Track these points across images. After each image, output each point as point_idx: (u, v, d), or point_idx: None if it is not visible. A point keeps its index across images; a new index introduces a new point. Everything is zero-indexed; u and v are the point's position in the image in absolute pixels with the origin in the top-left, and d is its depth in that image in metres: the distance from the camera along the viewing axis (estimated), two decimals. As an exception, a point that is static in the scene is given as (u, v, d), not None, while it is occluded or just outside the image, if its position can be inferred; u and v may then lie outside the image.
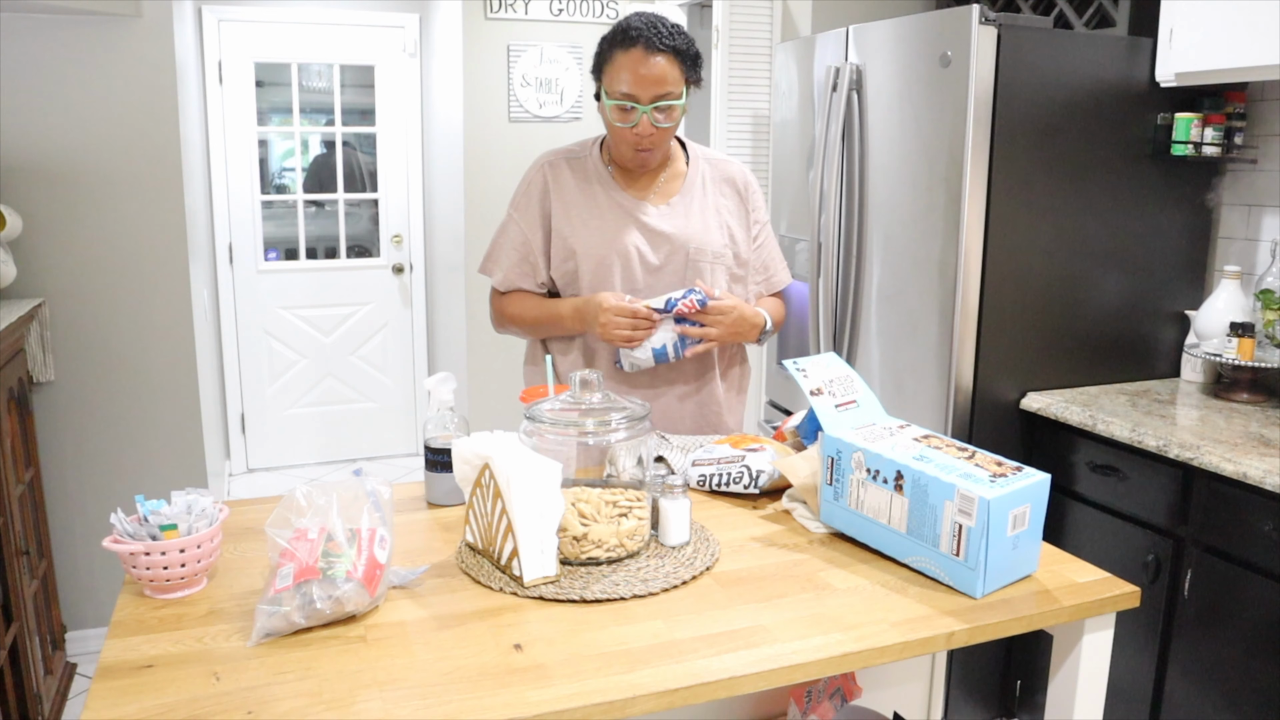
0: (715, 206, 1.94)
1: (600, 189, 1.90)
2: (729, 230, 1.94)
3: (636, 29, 1.73)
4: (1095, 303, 2.49)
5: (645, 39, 1.72)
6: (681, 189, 1.92)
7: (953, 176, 2.34)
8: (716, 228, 1.92)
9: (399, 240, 4.81)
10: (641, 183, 1.92)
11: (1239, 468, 1.88)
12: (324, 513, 1.23)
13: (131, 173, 2.80)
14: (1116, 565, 2.11)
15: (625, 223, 1.88)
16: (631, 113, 1.76)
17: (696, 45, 1.81)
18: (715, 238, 1.91)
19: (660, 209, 1.90)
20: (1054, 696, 1.39)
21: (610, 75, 1.76)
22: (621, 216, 1.88)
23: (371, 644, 1.15)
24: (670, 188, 1.92)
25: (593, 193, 1.89)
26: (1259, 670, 1.90)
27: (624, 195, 1.89)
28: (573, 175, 1.91)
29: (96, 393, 2.86)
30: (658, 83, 1.73)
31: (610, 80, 1.76)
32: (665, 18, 1.78)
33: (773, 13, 3.36)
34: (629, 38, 1.73)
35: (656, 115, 1.76)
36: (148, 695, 1.04)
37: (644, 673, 1.09)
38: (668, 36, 1.74)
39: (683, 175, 1.94)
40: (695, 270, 1.89)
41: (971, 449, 1.40)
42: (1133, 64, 2.39)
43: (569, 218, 1.89)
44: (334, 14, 4.53)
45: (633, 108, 1.75)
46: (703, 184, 1.94)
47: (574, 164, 1.92)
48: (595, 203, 1.89)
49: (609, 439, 1.38)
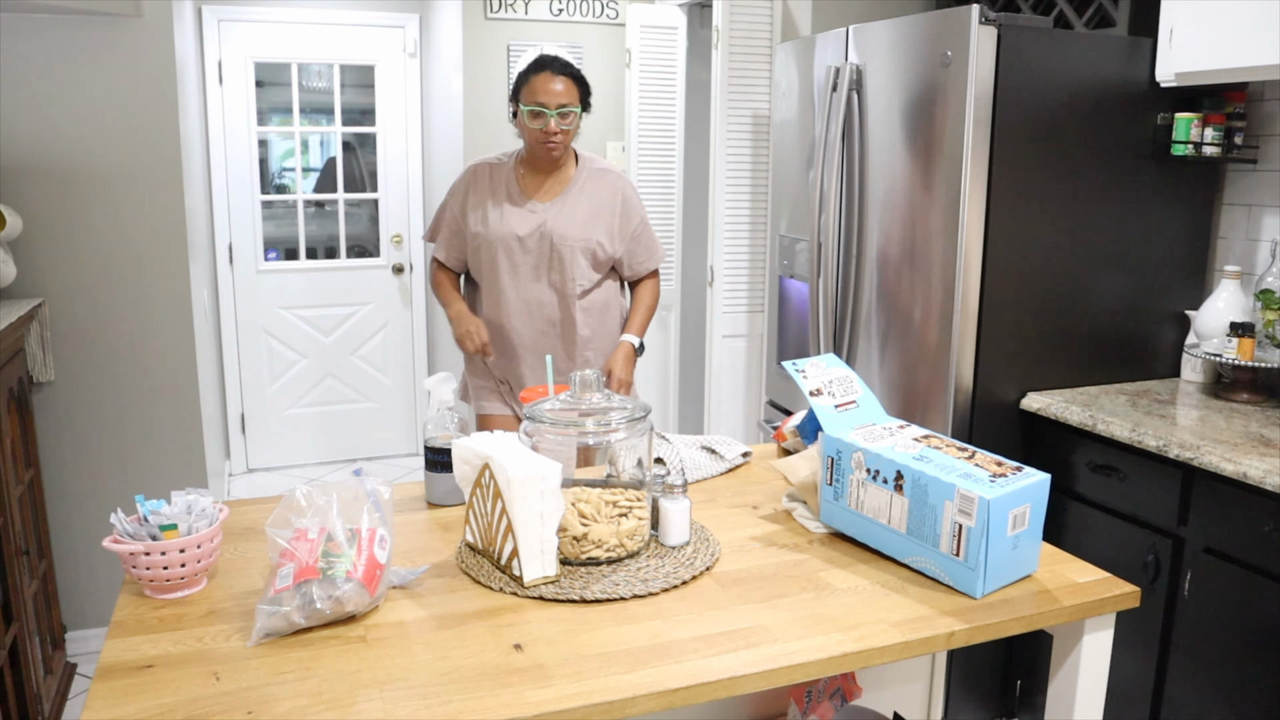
0: (590, 206, 2.45)
1: (504, 189, 2.47)
2: (598, 226, 2.45)
3: (548, 59, 2.34)
4: (1095, 303, 2.49)
5: (554, 64, 2.34)
6: (563, 191, 2.46)
7: (953, 176, 2.34)
8: (584, 222, 2.43)
9: (399, 240, 4.81)
10: (537, 185, 2.46)
11: (1239, 468, 1.88)
12: (324, 513, 1.23)
13: (131, 173, 2.80)
14: (1116, 565, 2.11)
15: (512, 214, 2.43)
16: (542, 117, 2.32)
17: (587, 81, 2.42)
18: (579, 230, 2.42)
19: (543, 205, 2.43)
20: (1054, 696, 1.39)
21: (527, 92, 2.34)
22: (511, 210, 2.44)
23: (371, 644, 1.15)
24: (555, 189, 2.46)
25: (497, 192, 2.47)
26: (1259, 670, 1.90)
27: (519, 195, 2.45)
28: (490, 178, 2.48)
29: (96, 393, 2.86)
30: (561, 96, 2.32)
31: (527, 95, 2.33)
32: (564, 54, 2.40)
33: (773, 13, 3.36)
34: (541, 64, 2.34)
35: (559, 120, 2.33)
36: (148, 695, 1.04)
37: (644, 673, 1.09)
38: (568, 65, 2.36)
39: (567, 181, 2.47)
40: (558, 254, 2.42)
41: (971, 449, 1.40)
42: (1133, 64, 2.39)
43: (475, 210, 2.46)
44: (334, 14, 4.53)
45: (543, 112, 2.32)
46: (580, 188, 2.47)
47: (495, 170, 2.49)
48: (496, 199, 2.46)
49: (609, 439, 1.38)
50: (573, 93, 2.35)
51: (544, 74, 2.33)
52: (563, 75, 2.34)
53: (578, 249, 2.43)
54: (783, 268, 3.12)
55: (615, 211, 2.48)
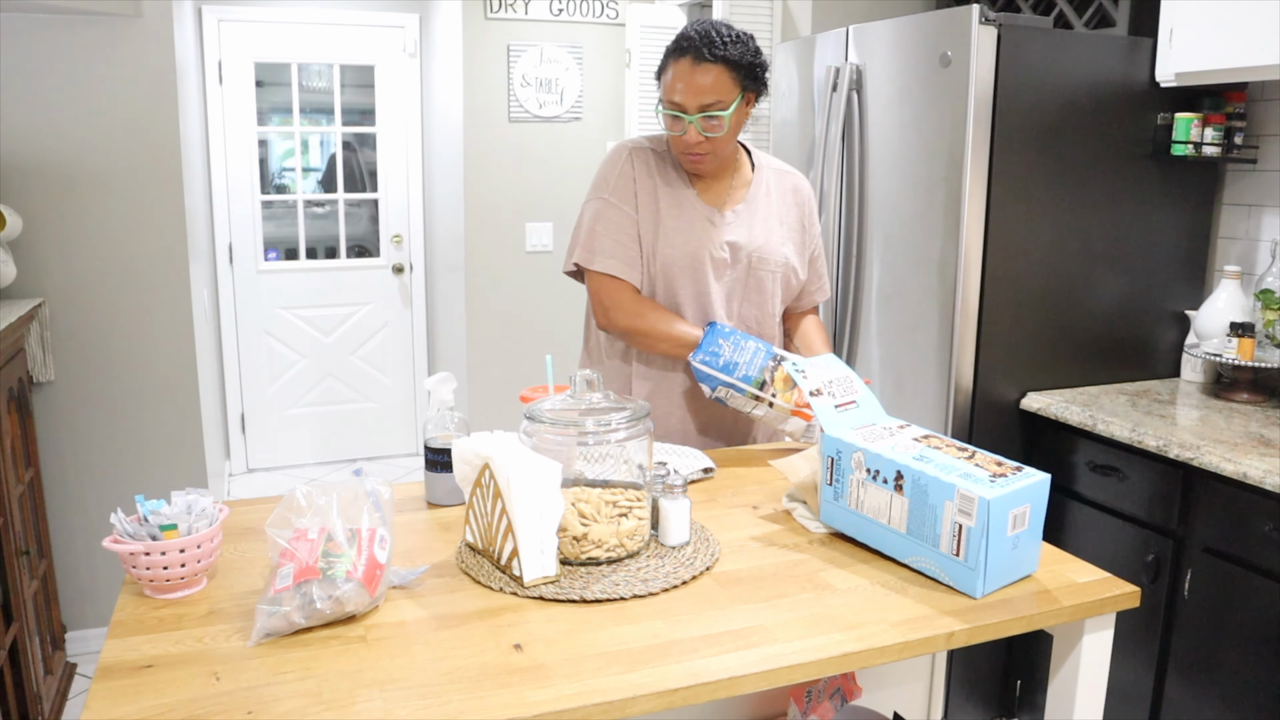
0: (779, 217, 1.94)
1: (681, 189, 1.88)
2: (789, 242, 1.94)
3: (689, 39, 1.75)
4: (1095, 303, 2.49)
5: (695, 49, 1.73)
6: (747, 197, 1.92)
7: (953, 176, 2.34)
8: (779, 239, 1.92)
9: (399, 240, 4.81)
10: (714, 188, 1.90)
11: (1239, 468, 1.88)
12: (324, 513, 1.23)
13: (131, 173, 2.80)
14: (1116, 565, 2.11)
15: (702, 227, 1.87)
16: (679, 122, 1.77)
17: (759, 54, 1.80)
18: (776, 248, 1.91)
19: (728, 215, 1.89)
20: (1054, 696, 1.39)
21: (665, 84, 1.78)
22: (698, 220, 1.87)
23: (371, 644, 1.15)
24: (736, 195, 1.92)
25: (673, 192, 1.88)
26: (1259, 670, 1.90)
27: (699, 199, 1.88)
28: (657, 169, 1.89)
29: (96, 393, 2.86)
30: (703, 93, 1.73)
31: (665, 89, 1.78)
32: (727, 26, 1.78)
33: (773, 13, 3.36)
34: (680, 47, 1.75)
35: (703, 124, 1.76)
36: (148, 695, 1.04)
37: (644, 673, 1.09)
38: (719, 46, 1.73)
39: (748, 183, 1.93)
40: (756, 280, 1.90)
41: (971, 449, 1.40)
42: (1133, 64, 2.39)
43: (652, 213, 1.86)
44: (334, 14, 4.53)
45: (680, 117, 1.76)
46: (767, 193, 1.94)
47: (658, 158, 1.90)
48: (676, 202, 1.87)
49: (609, 439, 1.38)
50: (726, 85, 1.74)
51: (684, 61, 1.74)
52: (713, 62, 1.73)
53: (778, 273, 1.92)
54: (783, 268, 3.11)
55: (803, 225, 1.98)
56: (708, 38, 1.73)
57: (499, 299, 4.26)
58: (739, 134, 1.86)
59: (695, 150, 1.79)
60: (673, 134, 1.80)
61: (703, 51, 1.73)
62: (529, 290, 4.30)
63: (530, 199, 4.22)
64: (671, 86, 1.76)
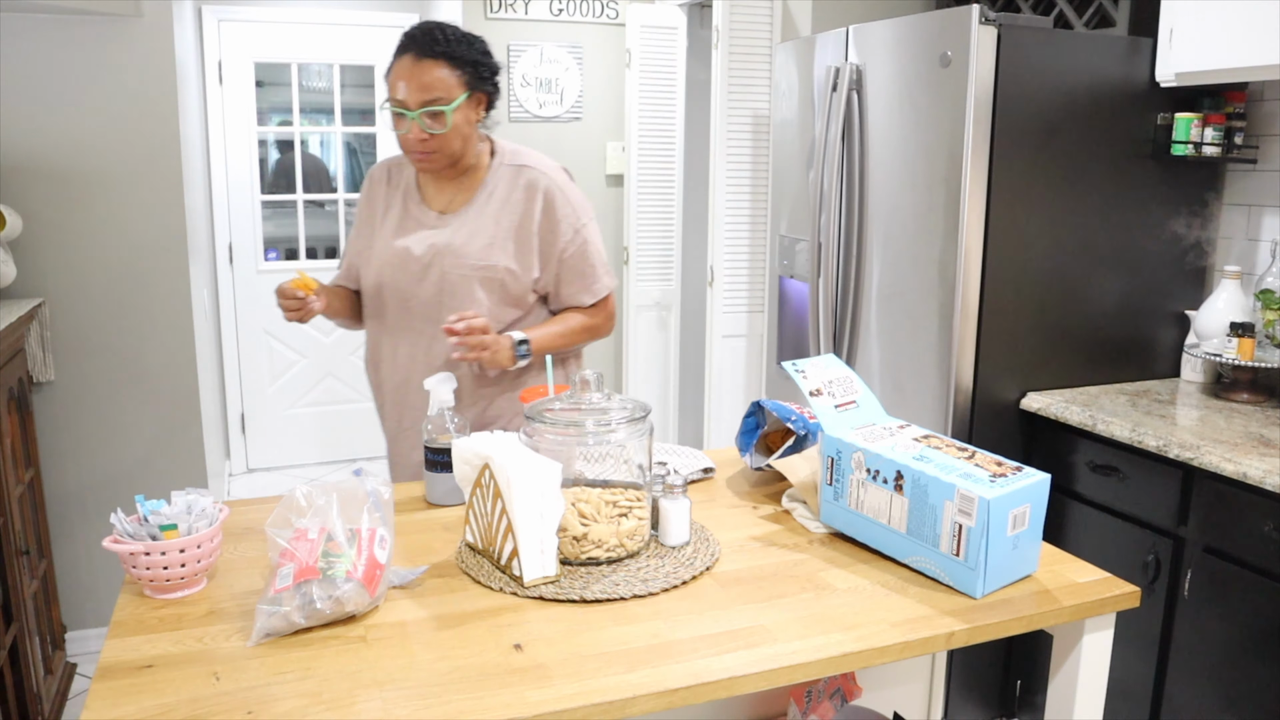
0: (496, 218, 1.87)
1: (402, 197, 1.93)
2: (509, 242, 1.86)
3: (411, 36, 1.76)
4: (1095, 303, 2.49)
5: (417, 46, 1.75)
6: (470, 200, 1.89)
7: (953, 176, 2.34)
8: (486, 240, 1.85)
9: (399, 240, 4.81)
10: (444, 192, 1.91)
11: (1239, 468, 1.88)
12: (324, 513, 1.23)
13: (131, 173, 2.80)
14: (1116, 565, 2.10)
15: (406, 232, 1.89)
16: (403, 120, 1.77)
17: (488, 55, 1.82)
18: (481, 251, 1.84)
19: (444, 218, 1.89)
20: (1054, 696, 1.39)
21: (389, 82, 1.78)
22: (407, 226, 1.90)
23: (371, 644, 1.15)
24: (460, 199, 1.90)
25: (394, 201, 1.94)
26: (1259, 670, 1.90)
27: (418, 205, 1.91)
28: (388, 183, 1.96)
29: (96, 393, 2.85)
30: (424, 89, 1.74)
31: (389, 88, 1.78)
32: (454, 27, 1.80)
33: (773, 13, 3.36)
34: (403, 45, 1.76)
35: (426, 121, 1.76)
36: (148, 695, 1.04)
37: (644, 673, 1.09)
38: (441, 44, 1.75)
39: (476, 186, 1.90)
40: (456, 283, 1.84)
41: (971, 449, 1.40)
42: (1133, 64, 2.39)
43: (375, 221, 1.95)
44: (334, 14, 4.53)
45: (403, 114, 1.76)
46: (489, 195, 1.88)
47: (395, 170, 1.96)
48: (392, 211, 1.93)
49: (609, 439, 1.38)
50: (449, 82, 1.75)
51: (405, 58, 1.75)
52: (435, 59, 1.74)
53: (477, 277, 1.84)
54: (783, 268, 3.12)
55: (544, 223, 1.88)
56: (430, 35, 1.75)
57: (499, 299, 4.25)
58: (471, 135, 1.84)
59: (420, 149, 1.79)
60: (399, 133, 1.80)
61: (424, 48, 1.74)
62: (529, 290, 4.29)
63: (530, 199, 4.22)
64: (394, 84, 1.76)
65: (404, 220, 1.92)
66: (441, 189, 1.92)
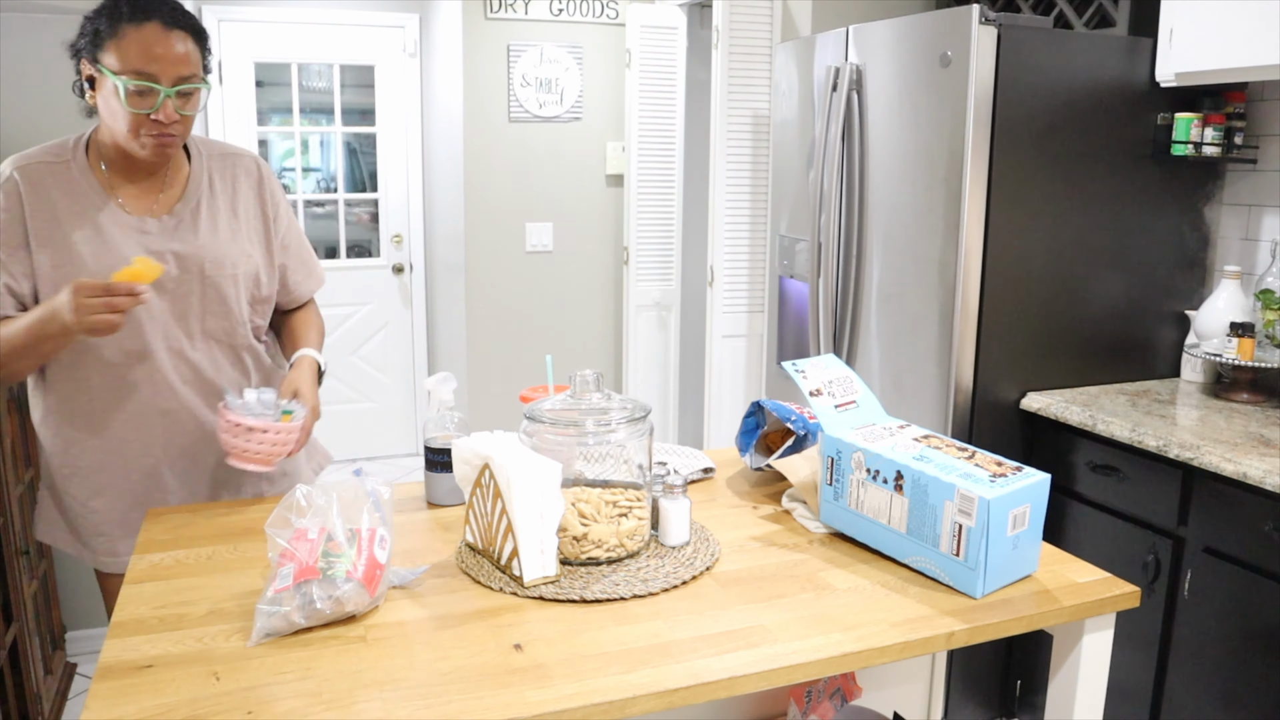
0: (233, 209, 1.69)
1: (95, 203, 1.58)
2: (255, 237, 1.71)
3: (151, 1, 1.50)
4: (1095, 303, 2.49)
5: (164, 13, 1.49)
6: (184, 195, 1.64)
7: (953, 176, 2.34)
8: (229, 235, 1.67)
9: (399, 240, 4.81)
10: (142, 193, 1.62)
11: (1239, 468, 1.88)
12: (324, 513, 1.24)
13: (131, 173, 2.80)
14: (1116, 565, 2.10)
15: (127, 244, 1.57)
16: (151, 96, 1.49)
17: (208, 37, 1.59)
18: (234, 249, 1.66)
19: (164, 222, 1.61)
20: (1054, 696, 1.39)
21: (120, 52, 1.47)
22: (123, 235, 1.58)
23: (371, 644, 1.15)
24: (172, 195, 1.64)
25: (85, 209, 1.57)
26: (1259, 670, 1.90)
27: (122, 210, 1.59)
28: (57, 187, 1.57)
29: (96, 393, 2.85)
30: (180, 63, 1.50)
31: (120, 58, 1.47)
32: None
33: (773, 13, 3.36)
34: (142, 9, 1.48)
35: (178, 101, 1.51)
36: (148, 695, 1.04)
37: (644, 673, 1.09)
38: (184, 15, 1.53)
39: (185, 179, 1.66)
40: (215, 290, 1.64)
41: (971, 449, 1.40)
42: (1133, 64, 2.39)
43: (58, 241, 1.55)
44: (334, 14, 4.53)
45: (152, 90, 1.48)
46: (210, 186, 1.67)
47: (56, 172, 1.58)
48: (90, 221, 1.57)
49: (609, 439, 1.38)
50: (197, 57, 1.54)
51: (151, 25, 1.48)
52: (183, 30, 1.51)
53: (242, 278, 1.67)
54: (783, 268, 3.12)
55: (262, 211, 1.73)
56: (169, 3, 1.52)
57: (499, 299, 4.26)
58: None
59: (164, 133, 1.52)
60: (137, 113, 1.49)
61: (171, 17, 1.50)
62: (529, 290, 4.30)
63: (530, 199, 4.23)
64: (140, 54, 1.47)
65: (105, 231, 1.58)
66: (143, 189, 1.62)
